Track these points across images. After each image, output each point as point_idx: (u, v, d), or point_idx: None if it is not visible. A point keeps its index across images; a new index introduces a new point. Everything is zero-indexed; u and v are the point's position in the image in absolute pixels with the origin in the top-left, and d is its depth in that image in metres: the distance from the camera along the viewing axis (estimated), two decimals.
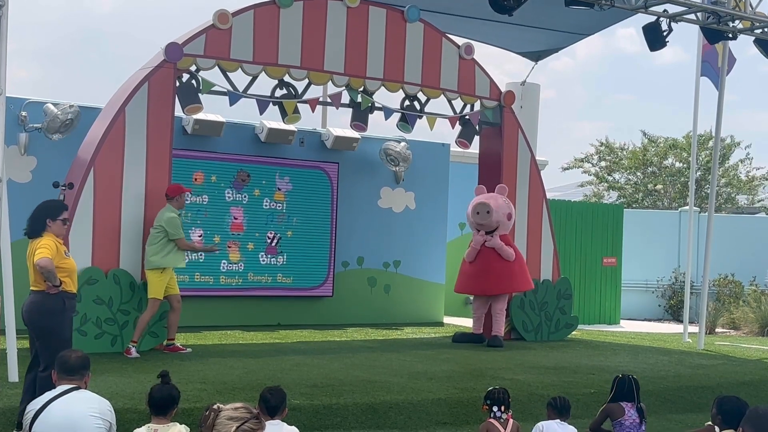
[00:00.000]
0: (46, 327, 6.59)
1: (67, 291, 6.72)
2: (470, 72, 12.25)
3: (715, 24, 11.79)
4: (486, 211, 11.71)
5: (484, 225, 11.77)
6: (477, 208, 11.78)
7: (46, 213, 6.81)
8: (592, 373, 9.62)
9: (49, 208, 6.89)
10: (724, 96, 13.26)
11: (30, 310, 6.70)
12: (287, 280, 13.29)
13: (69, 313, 6.77)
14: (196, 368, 8.66)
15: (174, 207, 9.76)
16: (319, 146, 13.54)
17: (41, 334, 6.61)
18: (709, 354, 12.22)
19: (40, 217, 6.80)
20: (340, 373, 8.89)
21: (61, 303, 6.66)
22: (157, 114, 10.00)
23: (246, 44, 10.53)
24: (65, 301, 6.69)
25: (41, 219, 6.79)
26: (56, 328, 6.59)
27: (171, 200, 9.76)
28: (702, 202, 24.16)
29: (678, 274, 18.88)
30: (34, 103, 11.36)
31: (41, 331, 6.62)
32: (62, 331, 6.62)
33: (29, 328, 6.76)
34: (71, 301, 6.81)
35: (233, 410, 3.87)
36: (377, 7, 11.53)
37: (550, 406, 6.30)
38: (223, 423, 3.91)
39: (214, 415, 3.85)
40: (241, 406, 3.88)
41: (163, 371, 5.23)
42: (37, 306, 6.67)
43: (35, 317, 6.66)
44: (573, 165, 29.42)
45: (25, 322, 6.78)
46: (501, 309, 11.84)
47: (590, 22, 13.34)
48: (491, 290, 11.79)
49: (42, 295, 6.66)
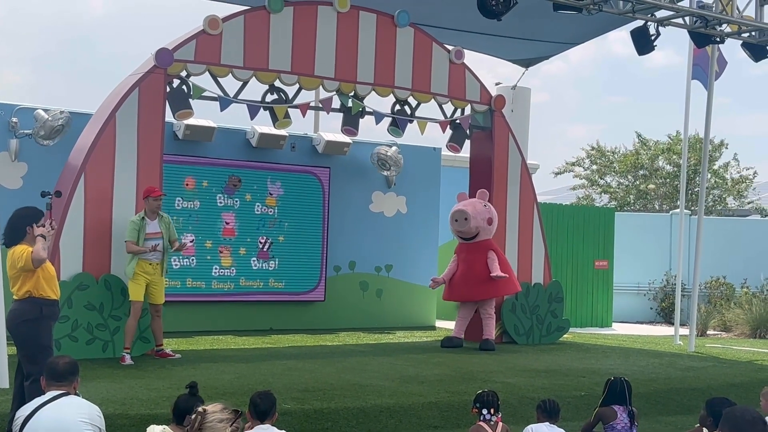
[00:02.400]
0: (24, 334, 6.57)
1: (45, 297, 6.67)
2: (461, 76, 12.29)
3: (703, 28, 11.84)
4: (464, 218, 11.73)
5: (463, 232, 11.80)
6: (455, 216, 11.82)
7: (28, 220, 6.73)
8: (583, 376, 9.65)
9: (29, 215, 6.80)
10: (714, 98, 13.31)
11: (9, 318, 6.74)
12: (279, 285, 13.30)
13: (47, 320, 6.69)
14: (187, 373, 8.65)
15: (146, 209, 9.65)
16: (310, 151, 13.56)
17: (20, 342, 6.60)
18: (699, 356, 12.26)
19: (21, 224, 6.72)
20: (332, 377, 8.90)
21: (38, 310, 6.61)
22: (147, 119, 10.00)
23: (236, 49, 10.54)
24: (42, 308, 6.63)
25: (21, 226, 6.71)
26: (34, 335, 6.54)
27: (145, 202, 9.69)
28: (692, 204, 24.23)
29: (669, 277, 18.93)
30: (24, 109, 11.35)
31: (20, 338, 6.61)
32: (40, 338, 6.55)
33: (11, 336, 6.79)
34: (49, 307, 6.72)
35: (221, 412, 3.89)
36: (367, 12, 11.55)
37: (539, 409, 6.32)
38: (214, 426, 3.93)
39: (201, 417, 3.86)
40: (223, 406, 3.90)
41: (192, 382, 5.18)
42: (14, 314, 6.68)
43: (13, 325, 6.67)
44: (564, 169, 29.49)
45: (8, 331, 6.81)
46: (490, 313, 11.88)
47: (580, 32, 13.41)
48: (479, 295, 11.81)
49: (19, 303, 6.65)
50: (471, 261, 11.77)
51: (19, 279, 6.63)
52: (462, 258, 11.89)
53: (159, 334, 9.79)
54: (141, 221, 9.56)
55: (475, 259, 11.76)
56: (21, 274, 6.60)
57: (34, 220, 6.73)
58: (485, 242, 11.88)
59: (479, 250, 11.84)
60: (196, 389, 5.13)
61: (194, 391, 5.12)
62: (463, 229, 11.77)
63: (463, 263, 11.84)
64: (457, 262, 11.95)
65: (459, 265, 11.89)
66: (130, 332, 9.44)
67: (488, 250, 11.85)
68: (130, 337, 9.44)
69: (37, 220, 6.75)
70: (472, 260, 11.76)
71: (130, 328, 9.44)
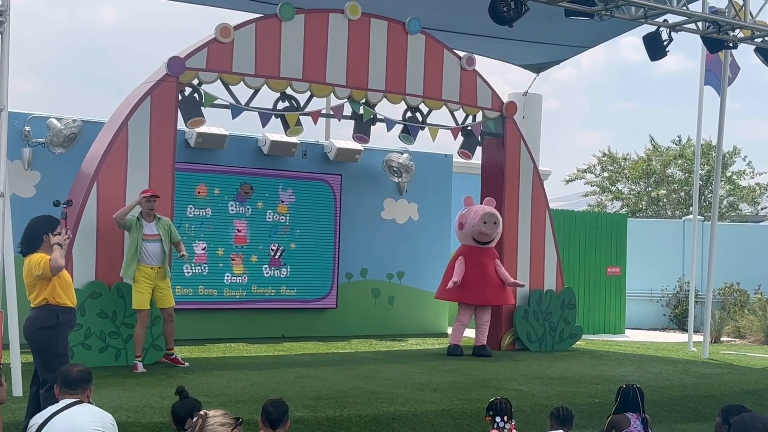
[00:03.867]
0: (40, 342, 6.62)
1: (62, 305, 6.71)
2: (472, 83, 12.28)
3: (716, 33, 11.81)
4: (493, 221, 11.73)
5: (488, 235, 11.77)
6: (485, 218, 11.70)
7: (44, 228, 6.79)
8: (596, 383, 9.61)
9: (45, 223, 6.86)
10: (727, 104, 13.27)
11: (26, 326, 6.76)
12: (291, 292, 13.30)
13: (64, 327, 6.73)
14: (199, 381, 8.66)
15: (141, 210, 9.62)
16: (321, 158, 13.57)
17: (37, 350, 6.65)
18: (713, 363, 12.19)
19: (37, 233, 6.77)
20: (344, 384, 8.88)
21: (55, 318, 6.66)
22: (159, 128, 10.03)
23: (248, 57, 10.56)
24: (59, 315, 6.68)
25: (38, 235, 6.76)
26: (50, 343, 6.58)
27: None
28: (705, 210, 24.13)
29: (682, 283, 18.84)
30: (37, 118, 11.41)
31: (36, 346, 6.66)
32: (56, 346, 6.59)
33: (28, 343, 6.82)
34: (66, 315, 6.76)
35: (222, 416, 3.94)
36: (379, 19, 11.57)
37: (552, 417, 6.29)
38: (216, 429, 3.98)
39: (203, 421, 3.92)
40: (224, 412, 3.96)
41: (179, 387, 5.28)
42: (31, 321, 6.71)
43: (30, 333, 6.71)
44: (576, 176, 29.41)
45: (25, 338, 6.84)
46: (486, 320, 11.87)
47: (591, 35, 13.39)
48: (494, 300, 11.78)
49: (36, 310, 6.70)
50: (485, 265, 11.73)
51: (35, 287, 6.67)
52: (474, 261, 11.78)
53: (170, 338, 9.76)
54: (137, 220, 9.54)
55: (488, 264, 11.74)
56: (37, 282, 6.64)
57: (50, 228, 6.78)
58: (493, 249, 11.92)
59: (489, 256, 11.85)
60: (185, 392, 5.17)
61: (185, 394, 5.17)
62: (491, 233, 11.75)
63: (476, 267, 11.74)
64: (466, 264, 11.82)
65: (470, 269, 11.77)
66: (140, 341, 9.43)
67: (495, 257, 11.89)
68: (140, 345, 9.44)
69: (53, 228, 6.78)
70: (486, 265, 11.73)
71: (139, 337, 9.43)
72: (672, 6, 11.06)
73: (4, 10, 7.46)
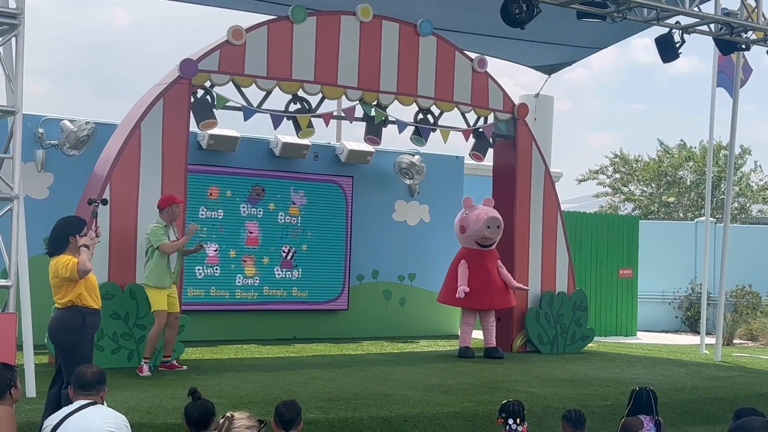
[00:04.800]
0: (66, 343, 6.66)
1: (88, 306, 6.74)
2: (483, 85, 12.28)
3: (728, 35, 11.77)
4: (497, 225, 11.70)
5: (491, 239, 11.75)
6: (489, 222, 11.63)
7: (70, 230, 6.80)
8: (608, 386, 9.59)
9: (72, 224, 6.90)
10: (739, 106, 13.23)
11: (51, 326, 6.80)
12: (302, 294, 13.32)
13: (89, 329, 6.76)
14: (211, 382, 8.69)
15: (163, 219, 9.57)
16: (333, 160, 13.59)
17: (61, 351, 6.69)
18: (726, 365, 12.15)
19: (64, 234, 6.79)
20: (356, 386, 8.90)
21: (81, 319, 6.69)
22: (172, 130, 10.07)
23: (260, 59, 10.59)
24: (85, 317, 6.71)
25: (64, 236, 6.78)
26: (75, 344, 6.61)
27: (161, 212, 9.61)
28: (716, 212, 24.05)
29: (695, 285, 18.79)
30: (50, 120, 11.46)
31: (61, 347, 6.70)
32: (80, 348, 6.61)
33: (53, 344, 6.89)
34: (91, 317, 6.79)
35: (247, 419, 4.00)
36: (390, 21, 11.58)
37: (565, 419, 6.28)
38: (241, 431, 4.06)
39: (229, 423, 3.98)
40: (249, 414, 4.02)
41: (192, 388, 5.26)
42: (57, 322, 6.75)
43: (55, 333, 6.76)
44: (588, 177, 29.38)
45: (50, 339, 6.89)
46: (491, 322, 11.85)
47: (603, 36, 13.36)
48: (498, 304, 11.78)
49: (61, 311, 6.74)
50: (488, 269, 11.70)
51: (61, 288, 6.71)
52: (476, 265, 11.73)
53: (170, 344, 9.60)
54: (165, 227, 9.55)
55: (491, 267, 11.71)
56: (63, 283, 6.69)
57: (76, 230, 6.80)
58: (494, 252, 11.88)
59: (492, 258, 11.82)
60: (198, 393, 5.18)
61: (197, 395, 5.17)
62: (494, 237, 11.73)
63: (479, 270, 11.69)
64: (469, 268, 11.76)
65: (474, 273, 11.70)
66: (153, 342, 9.35)
67: (497, 260, 11.84)
68: (152, 347, 9.36)
69: (80, 230, 6.81)
70: (489, 268, 11.71)
71: (152, 339, 9.34)
72: (684, 8, 11.03)
73: (19, 13, 7.50)
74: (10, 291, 7.42)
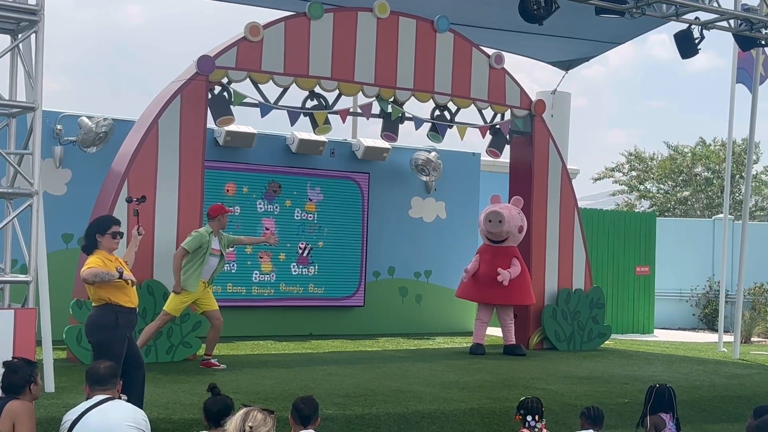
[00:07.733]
0: (98, 341, 6.72)
1: (121, 305, 6.77)
2: (500, 81, 12.25)
3: (748, 31, 11.70)
4: (498, 220, 11.68)
5: (494, 234, 11.74)
6: (489, 216, 11.74)
7: (95, 229, 6.95)
8: (626, 383, 9.55)
9: (96, 225, 7.03)
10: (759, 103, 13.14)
11: (86, 324, 6.95)
12: (319, 291, 13.33)
13: (122, 328, 6.76)
14: (228, 378, 8.71)
15: (212, 227, 9.58)
16: (349, 157, 13.59)
17: (94, 349, 6.77)
18: (744, 363, 12.09)
19: (90, 233, 6.94)
20: (372, 383, 8.89)
21: (114, 317, 6.72)
22: (189, 126, 10.09)
23: (277, 56, 10.60)
24: (118, 315, 6.74)
25: (91, 236, 6.92)
26: (106, 343, 6.64)
27: (212, 220, 9.62)
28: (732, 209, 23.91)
29: (712, 283, 18.69)
30: (68, 117, 11.52)
31: (94, 345, 6.79)
32: (111, 347, 6.59)
33: (88, 342, 7.04)
34: (126, 315, 6.80)
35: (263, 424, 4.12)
36: (407, 17, 11.56)
37: (583, 416, 6.27)
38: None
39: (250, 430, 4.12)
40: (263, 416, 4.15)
41: (211, 384, 5.34)
42: (91, 320, 6.86)
43: (88, 331, 6.87)
44: (604, 175, 29.28)
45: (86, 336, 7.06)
46: (509, 319, 11.83)
47: (621, 31, 13.29)
48: (493, 299, 11.73)
49: (96, 309, 6.83)
50: (494, 264, 11.67)
51: (92, 285, 6.75)
52: (485, 259, 11.77)
53: (212, 344, 9.59)
54: (210, 235, 9.50)
55: (498, 263, 11.66)
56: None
57: (100, 229, 6.94)
58: (511, 249, 11.82)
59: (505, 255, 11.77)
60: (218, 389, 5.24)
61: (216, 391, 5.22)
62: (495, 231, 11.71)
63: (485, 264, 11.73)
64: (479, 261, 11.83)
65: (481, 266, 11.78)
66: (148, 335, 9.25)
67: (513, 257, 11.78)
68: (145, 338, 9.20)
69: (105, 229, 6.93)
70: (496, 264, 11.67)
71: (148, 332, 9.26)
72: (703, 3, 10.97)
73: (38, 10, 7.52)
74: (29, 286, 7.46)
